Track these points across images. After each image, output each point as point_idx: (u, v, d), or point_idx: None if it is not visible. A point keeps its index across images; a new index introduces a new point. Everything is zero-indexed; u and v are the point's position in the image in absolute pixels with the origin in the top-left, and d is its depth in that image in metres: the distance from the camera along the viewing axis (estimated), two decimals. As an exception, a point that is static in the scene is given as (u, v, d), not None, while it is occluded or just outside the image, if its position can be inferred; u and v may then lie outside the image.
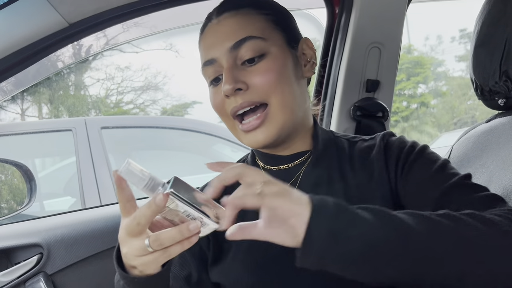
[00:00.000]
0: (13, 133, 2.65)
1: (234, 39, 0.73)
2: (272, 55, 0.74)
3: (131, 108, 8.06)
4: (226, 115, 0.77)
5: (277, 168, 0.81)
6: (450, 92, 10.62)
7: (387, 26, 1.27)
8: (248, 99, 0.73)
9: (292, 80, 0.76)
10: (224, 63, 0.74)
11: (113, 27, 1.08)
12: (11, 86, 1.18)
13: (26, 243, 1.14)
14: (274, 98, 0.73)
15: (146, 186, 0.58)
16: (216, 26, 0.76)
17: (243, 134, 0.76)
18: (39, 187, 2.54)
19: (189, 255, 0.81)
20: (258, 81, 0.73)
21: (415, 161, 0.74)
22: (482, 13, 0.91)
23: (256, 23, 0.75)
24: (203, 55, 0.78)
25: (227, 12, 0.76)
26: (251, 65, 0.73)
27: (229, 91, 0.72)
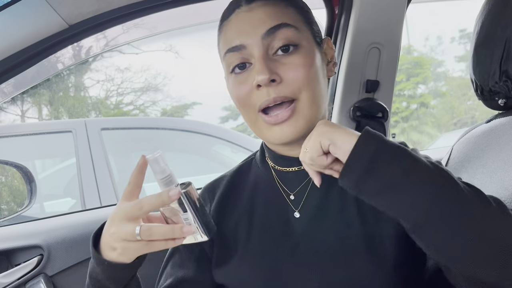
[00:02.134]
0: (13, 134, 2.65)
1: (268, 25, 0.71)
2: (305, 48, 0.72)
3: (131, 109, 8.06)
4: (249, 107, 0.74)
5: (288, 170, 0.79)
6: (450, 92, 10.62)
7: (386, 26, 1.27)
8: (281, 94, 0.70)
9: (320, 77, 0.75)
10: (255, 51, 0.71)
11: (113, 28, 1.08)
12: (11, 87, 1.17)
13: (27, 244, 1.14)
14: (305, 94, 0.71)
15: (164, 178, 0.61)
16: (248, 13, 0.73)
17: (268, 127, 0.73)
18: (39, 189, 2.54)
19: (188, 256, 0.80)
20: (291, 76, 0.70)
21: None
22: (482, 13, 0.91)
23: (289, 13, 0.73)
24: (229, 40, 0.74)
25: (257, 0, 0.74)
26: (284, 56, 0.71)
27: (264, 81, 0.69)
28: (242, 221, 0.79)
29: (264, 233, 0.76)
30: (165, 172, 0.61)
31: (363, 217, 0.73)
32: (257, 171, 0.84)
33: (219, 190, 0.84)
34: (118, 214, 0.62)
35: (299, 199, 0.77)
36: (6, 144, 2.61)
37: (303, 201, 0.77)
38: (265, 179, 0.82)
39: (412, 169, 0.60)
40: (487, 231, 0.58)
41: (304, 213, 0.76)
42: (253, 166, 0.85)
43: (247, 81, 0.72)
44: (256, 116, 0.74)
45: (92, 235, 0.66)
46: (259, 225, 0.77)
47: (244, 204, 0.81)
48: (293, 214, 0.76)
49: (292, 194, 0.78)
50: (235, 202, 0.82)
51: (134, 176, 0.64)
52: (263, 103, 0.71)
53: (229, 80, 0.76)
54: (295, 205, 0.77)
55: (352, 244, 0.71)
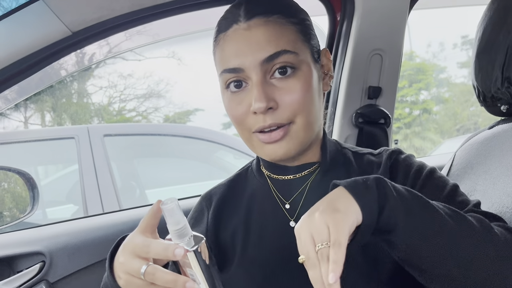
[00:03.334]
0: (16, 141, 2.66)
1: (267, 51, 0.70)
2: (303, 72, 0.72)
3: (134, 115, 8.08)
4: (245, 128, 0.74)
5: (283, 178, 0.79)
6: (453, 98, 10.60)
7: (388, 33, 1.27)
8: (277, 120, 0.71)
9: (315, 99, 0.75)
10: (253, 76, 0.71)
11: (116, 35, 1.09)
12: (15, 94, 1.18)
13: (28, 251, 1.14)
14: (299, 119, 0.72)
15: (177, 230, 0.57)
16: (247, 32, 0.72)
17: (261, 145, 0.73)
18: (42, 195, 2.54)
19: None
20: (288, 101, 0.70)
21: (422, 188, 0.72)
22: (483, 20, 0.91)
23: (289, 35, 0.72)
24: (226, 59, 0.73)
25: (258, 17, 0.72)
26: (282, 80, 0.71)
27: (261, 109, 0.69)
28: (239, 229, 0.79)
29: (261, 242, 0.76)
30: (179, 224, 0.57)
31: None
32: (253, 179, 0.84)
33: (216, 198, 0.84)
34: (128, 246, 0.60)
35: (295, 207, 0.77)
36: (9, 151, 2.62)
37: (298, 210, 0.76)
38: (261, 188, 0.82)
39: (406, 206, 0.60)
40: (473, 258, 0.59)
41: None
42: (250, 175, 0.85)
43: (243, 102, 0.72)
44: (250, 136, 0.74)
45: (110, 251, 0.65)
46: (255, 233, 0.77)
47: (241, 212, 0.80)
48: (288, 223, 0.76)
49: (287, 203, 0.78)
50: (232, 211, 0.81)
51: (148, 217, 0.61)
52: (258, 127, 0.72)
53: (225, 96, 0.76)
54: (290, 214, 0.77)
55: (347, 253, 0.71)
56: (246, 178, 0.86)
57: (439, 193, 0.71)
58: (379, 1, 1.23)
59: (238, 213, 0.81)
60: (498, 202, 0.81)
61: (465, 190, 0.90)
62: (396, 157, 0.78)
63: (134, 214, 1.27)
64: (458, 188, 0.73)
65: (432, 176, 0.74)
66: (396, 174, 0.75)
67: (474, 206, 0.69)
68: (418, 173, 0.74)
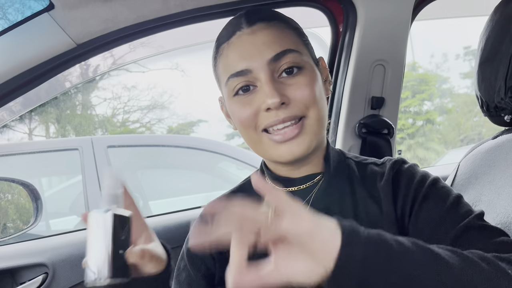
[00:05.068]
0: (20, 152, 2.67)
1: (274, 50, 0.71)
2: (308, 70, 0.73)
3: (138, 127, 8.11)
4: (253, 128, 0.73)
5: (287, 190, 0.78)
6: (456, 109, 10.60)
7: (391, 43, 1.28)
8: (291, 114, 0.70)
9: (323, 95, 0.76)
10: (262, 75, 0.71)
11: (120, 47, 1.10)
12: (19, 106, 1.19)
13: (31, 262, 1.14)
14: (312, 112, 0.72)
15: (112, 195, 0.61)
16: (251, 36, 0.73)
17: (274, 145, 0.72)
18: (45, 206, 2.54)
19: (195, 273, 0.80)
20: (299, 95, 0.71)
21: (425, 199, 0.71)
22: (486, 30, 0.91)
23: (291, 37, 0.74)
24: (232, 64, 0.73)
25: (260, 22, 0.74)
26: (289, 78, 0.72)
27: (275, 104, 0.69)
28: None
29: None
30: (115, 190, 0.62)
31: None
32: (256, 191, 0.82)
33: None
34: None
35: None
36: (13, 162, 2.62)
37: None
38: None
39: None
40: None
41: None
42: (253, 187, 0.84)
43: (252, 103, 0.72)
44: (259, 136, 0.73)
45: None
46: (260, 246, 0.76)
47: None
48: None
49: None
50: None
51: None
52: (270, 122, 0.71)
53: (231, 102, 0.75)
54: None
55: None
56: (249, 190, 0.84)
57: (442, 204, 0.70)
58: (381, 12, 1.24)
59: None
60: (503, 212, 0.81)
61: (470, 200, 0.89)
62: (399, 167, 0.77)
63: (137, 225, 1.27)
64: (462, 199, 0.72)
65: (435, 186, 0.73)
66: (399, 184, 0.74)
67: (478, 216, 0.68)
68: (421, 183, 0.73)
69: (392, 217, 0.72)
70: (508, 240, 0.64)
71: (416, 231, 0.70)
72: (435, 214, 0.69)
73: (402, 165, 0.77)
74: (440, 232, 0.68)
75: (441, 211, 0.69)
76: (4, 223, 1.49)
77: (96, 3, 0.97)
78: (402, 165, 0.77)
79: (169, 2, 1.03)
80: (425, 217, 0.70)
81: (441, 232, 0.68)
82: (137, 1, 1.00)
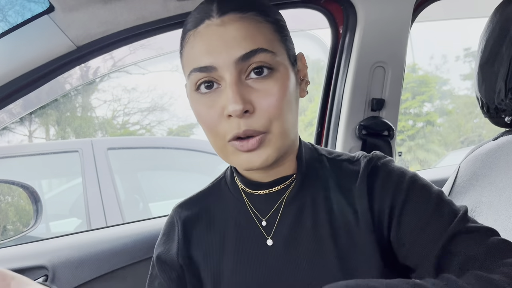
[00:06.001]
0: (20, 154, 2.67)
1: (243, 48, 0.63)
2: (280, 73, 0.66)
3: (138, 129, 8.12)
4: (218, 136, 0.67)
5: (259, 193, 0.75)
6: (456, 110, 10.61)
7: (391, 45, 1.28)
8: (252, 127, 0.64)
9: (293, 104, 0.69)
10: (227, 75, 0.64)
11: (120, 49, 1.10)
12: (19, 108, 1.19)
13: (31, 265, 1.13)
14: (275, 126, 0.65)
15: None
16: (220, 28, 0.65)
17: (236, 153, 0.67)
18: (45, 209, 2.54)
19: (168, 281, 0.78)
20: (265, 105, 0.64)
21: (405, 203, 0.67)
22: (486, 31, 0.91)
23: (266, 34, 0.66)
24: (197, 57, 0.65)
25: (232, 13, 0.65)
26: (258, 80, 0.65)
27: (237, 113, 0.62)
28: (214, 248, 0.75)
29: (237, 261, 0.73)
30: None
31: (336, 239, 0.69)
32: (227, 193, 0.79)
33: (187, 213, 0.80)
34: None
35: (271, 224, 0.73)
36: (13, 164, 2.62)
37: (275, 227, 0.73)
38: (235, 202, 0.77)
39: None
40: None
41: (277, 240, 0.72)
42: (223, 187, 0.80)
43: (215, 105, 0.66)
44: (224, 144, 0.67)
45: None
46: (231, 254, 0.74)
47: (215, 229, 0.77)
48: (265, 241, 0.73)
49: (264, 220, 0.74)
50: (205, 227, 0.78)
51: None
52: (232, 135, 0.65)
53: (193, 99, 0.69)
54: (267, 231, 0.73)
55: (327, 269, 0.68)
56: (219, 191, 0.81)
57: (425, 207, 0.67)
58: (381, 14, 1.24)
59: (212, 230, 0.77)
60: (504, 213, 0.80)
61: (470, 202, 0.89)
62: (374, 164, 0.72)
63: (138, 228, 1.26)
64: (443, 195, 0.68)
65: (415, 186, 0.69)
66: (374, 184, 0.70)
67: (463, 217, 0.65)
68: (399, 183, 0.69)
69: (368, 222, 0.69)
70: (498, 240, 0.62)
71: (400, 239, 0.67)
72: (419, 219, 0.66)
73: (377, 162, 0.73)
74: (427, 239, 0.64)
75: (426, 215, 0.66)
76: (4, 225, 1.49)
77: (96, 5, 0.97)
78: (377, 162, 0.73)
79: (168, 4, 1.04)
80: (408, 224, 0.66)
81: (427, 239, 0.64)
82: (137, 3, 1.00)
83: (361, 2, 1.23)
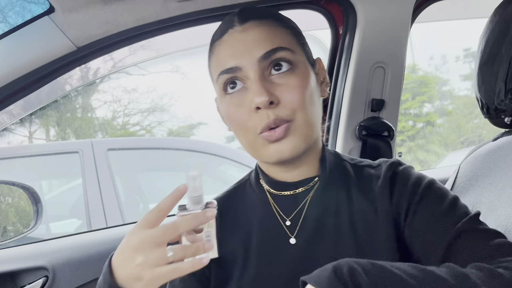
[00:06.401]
0: (21, 155, 2.67)
1: (264, 48, 0.71)
2: (300, 69, 0.72)
3: (138, 129, 8.12)
4: (249, 130, 0.72)
5: (283, 194, 0.78)
6: (456, 111, 10.61)
7: (391, 45, 1.28)
8: (280, 116, 0.69)
9: (315, 98, 0.74)
10: (251, 73, 0.70)
11: (120, 50, 1.10)
12: (20, 109, 1.19)
13: (31, 266, 1.13)
14: (300, 115, 0.71)
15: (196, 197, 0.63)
16: (242, 34, 0.73)
17: (266, 145, 0.71)
18: (46, 209, 2.54)
19: (191, 279, 0.79)
20: (288, 97, 0.70)
21: (420, 201, 0.71)
22: (485, 32, 0.91)
23: (283, 36, 0.73)
24: (223, 61, 0.73)
25: (252, 21, 0.73)
26: (280, 76, 0.71)
27: (263, 103, 0.68)
28: (239, 245, 0.77)
29: (261, 259, 0.75)
30: (198, 192, 0.63)
31: (357, 238, 0.72)
32: (252, 194, 0.82)
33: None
34: (145, 241, 0.59)
35: (295, 224, 0.76)
36: (14, 165, 2.63)
37: (298, 226, 0.75)
38: (260, 203, 0.80)
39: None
40: None
41: (300, 239, 0.75)
42: (248, 189, 0.84)
43: (243, 103, 0.71)
44: (256, 138, 0.72)
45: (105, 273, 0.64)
46: (255, 250, 0.76)
47: (240, 228, 0.79)
48: (289, 240, 0.75)
49: (288, 220, 0.77)
50: (231, 226, 0.80)
51: (166, 203, 0.62)
52: (264, 125, 0.70)
53: (223, 102, 0.75)
54: (291, 230, 0.76)
55: None
56: (244, 192, 0.84)
57: (439, 206, 0.70)
58: (381, 14, 1.24)
59: (237, 229, 0.79)
60: (504, 214, 0.80)
61: (470, 203, 0.89)
62: (395, 168, 0.76)
63: (138, 228, 1.26)
64: (459, 201, 0.72)
65: (432, 188, 0.73)
66: (395, 185, 0.74)
67: (473, 218, 0.68)
68: (416, 185, 0.73)
69: (389, 219, 0.72)
70: (504, 242, 0.64)
71: (412, 234, 0.71)
72: (431, 216, 0.69)
73: (398, 166, 0.77)
74: (436, 234, 0.68)
75: (438, 213, 0.69)
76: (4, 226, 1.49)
77: (96, 6, 0.97)
78: (398, 167, 0.77)
79: (169, 5, 1.04)
80: (421, 219, 0.70)
81: (437, 235, 0.68)
82: (137, 4, 1.00)
83: (360, 3, 1.23)
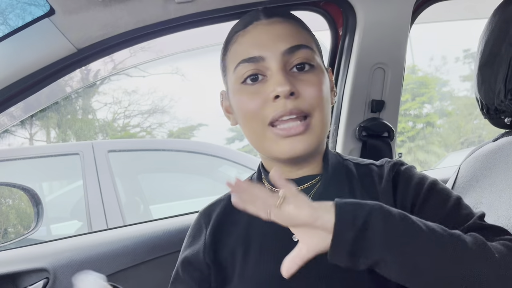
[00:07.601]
0: (21, 157, 2.67)
1: (289, 43, 0.72)
2: (319, 69, 0.75)
3: (138, 131, 8.13)
4: (258, 119, 0.72)
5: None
6: (456, 111, 10.61)
7: (390, 46, 1.28)
8: (299, 107, 0.70)
9: (328, 101, 0.76)
10: (274, 64, 0.71)
11: (121, 52, 1.10)
12: (20, 111, 1.19)
13: (32, 267, 1.13)
14: (318, 112, 0.72)
15: None
16: (268, 26, 0.74)
17: (276, 140, 0.72)
18: (46, 211, 2.55)
19: (190, 282, 0.80)
20: (308, 92, 0.71)
21: (426, 201, 0.72)
22: (485, 33, 0.92)
23: (306, 36, 0.76)
24: (245, 50, 0.73)
25: (277, 17, 0.76)
26: (300, 74, 0.72)
27: (285, 92, 0.69)
28: (239, 245, 0.77)
29: (262, 258, 0.75)
30: None
31: None
32: None
33: (215, 215, 0.82)
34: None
35: None
36: (14, 167, 2.63)
37: None
38: None
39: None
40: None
41: None
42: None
43: (259, 93, 0.72)
44: (264, 130, 0.72)
45: None
46: (256, 250, 0.76)
47: (240, 228, 0.79)
48: (291, 237, 0.74)
49: None
50: (232, 227, 0.80)
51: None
52: (277, 113, 0.70)
53: (237, 91, 0.75)
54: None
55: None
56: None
57: (443, 206, 0.70)
58: (381, 15, 1.24)
59: (238, 229, 0.79)
60: (504, 215, 0.81)
61: (470, 203, 0.89)
62: (398, 168, 0.77)
63: (138, 230, 1.26)
64: (462, 201, 0.72)
65: (435, 188, 0.72)
66: (398, 185, 0.74)
67: (479, 218, 0.68)
68: (420, 185, 0.73)
69: None
70: (510, 239, 0.64)
71: None
72: (435, 216, 0.69)
73: (401, 167, 0.77)
74: None
75: (442, 214, 0.69)
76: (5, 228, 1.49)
77: (97, 8, 0.97)
78: (401, 167, 0.77)
79: (169, 7, 1.04)
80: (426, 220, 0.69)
81: None
82: (137, 6, 1.00)
83: (360, 4, 1.23)
